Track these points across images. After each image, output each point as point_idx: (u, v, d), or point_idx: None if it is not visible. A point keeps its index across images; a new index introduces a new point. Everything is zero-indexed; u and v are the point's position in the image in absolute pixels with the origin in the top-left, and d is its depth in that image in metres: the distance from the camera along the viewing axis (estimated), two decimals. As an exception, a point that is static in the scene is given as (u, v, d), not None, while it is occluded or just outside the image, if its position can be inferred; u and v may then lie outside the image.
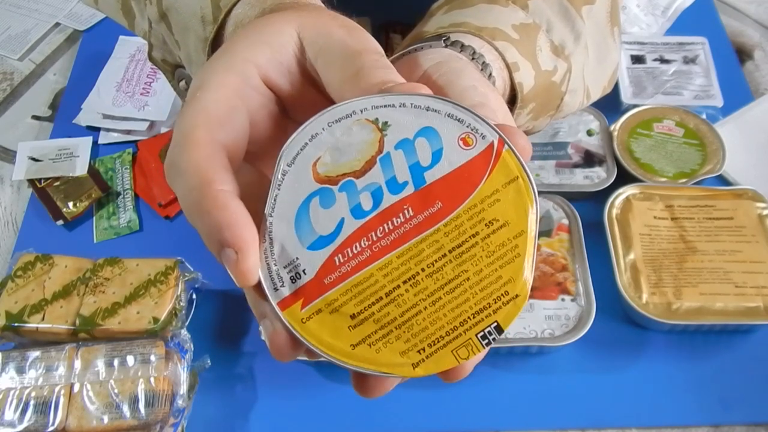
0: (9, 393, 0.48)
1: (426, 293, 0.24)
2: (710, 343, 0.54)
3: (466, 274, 0.24)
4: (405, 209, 0.25)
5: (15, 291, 0.53)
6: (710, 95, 0.70)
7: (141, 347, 0.49)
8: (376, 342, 0.24)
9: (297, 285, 0.25)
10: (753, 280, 0.54)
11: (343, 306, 0.25)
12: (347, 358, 0.25)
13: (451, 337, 0.24)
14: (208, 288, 0.58)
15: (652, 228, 0.57)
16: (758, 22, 0.80)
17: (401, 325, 0.24)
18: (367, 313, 0.24)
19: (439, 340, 0.24)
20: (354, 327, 0.24)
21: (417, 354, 0.24)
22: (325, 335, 0.25)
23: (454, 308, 0.24)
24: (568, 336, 0.51)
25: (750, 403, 0.51)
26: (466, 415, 0.51)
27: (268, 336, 0.25)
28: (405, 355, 0.24)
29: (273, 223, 0.25)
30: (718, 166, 0.62)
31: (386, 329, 0.24)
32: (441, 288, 0.25)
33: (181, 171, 0.24)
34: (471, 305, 0.24)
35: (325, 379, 0.53)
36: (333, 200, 0.25)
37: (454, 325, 0.24)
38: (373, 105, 0.25)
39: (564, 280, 0.54)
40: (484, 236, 0.25)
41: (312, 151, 0.25)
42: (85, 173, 0.65)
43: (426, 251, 0.25)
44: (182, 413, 0.48)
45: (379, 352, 0.24)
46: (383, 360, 0.24)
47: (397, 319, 0.24)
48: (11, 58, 0.81)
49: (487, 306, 0.24)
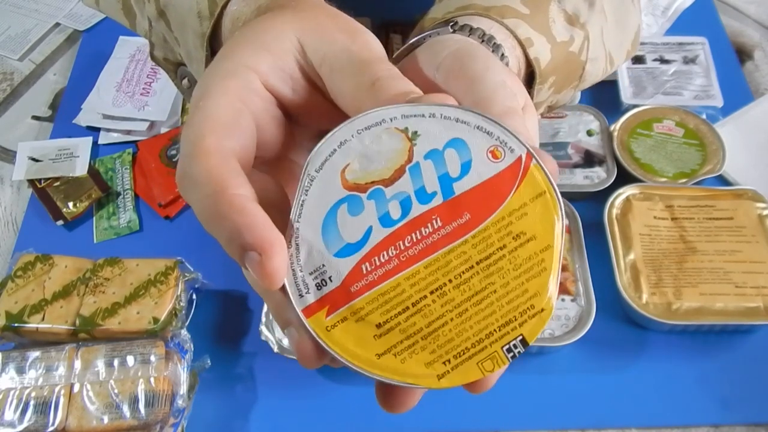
0: (9, 393, 0.48)
1: (453, 304, 0.24)
2: (710, 343, 0.54)
3: (493, 286, 0.24)
4: (433, 219, 0.25)
5: (15, 291, 0.53)
6: (710, 95, 0.70)
7: (141, 347, 0.49)
8: (402, 352, 0.24)
9: (323, 292, 0.24)
10: (753, 280, 0.54)
11: (369, 315, 0.24)
12: (372, 368, 0.24)
13: (477, 350, 0.24)
14: (208, 288, 0.58)
15: (652, 228, 0.57)
16: (758, 22, 0.80)
17: (427, 335, 0.24)
18: (393, 323, 0.24)
19: (464, 351, 0.24)
20: (379, 336, 0.24)
21: (442, 365, 0.24)
22: (350, 344, 0.24)
23: (480, 320, 0.24)
24: (568, 336, 0.51)
25: (750, 403, 0.51)
26: (466, 415, 0.51)
27: (293, 344, 0.25)
28: (430, 366, 0.24)
29: (300, 228, 0.25)
30: (718, 166, 0.62)
31: (412, 339, 0.24)
32: (468, 299, 0.24)
33: (194, 181, 0.24)
34: (497, 318, 0.24)
35: (325, 379, 0.53)
36: (361, 208, 0.25)
37: (480, 337, 0.24)
38: (402, 114, 0.25)
39: (564, 280, 0.54)
40: (511, 249, 0.25)
41: (340, 158, 0.25)
42: (85, 173, 0.65)
43: (453, 262, 0.25)
44: (182, 413, 0.48)
45: (404, 362, 0.24)
46: (408, 371, 0.24)
47: (423, 329, 0.24)
48: (11, 58, 0.81)
49: (513, 319, 0.24)
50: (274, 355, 0.51)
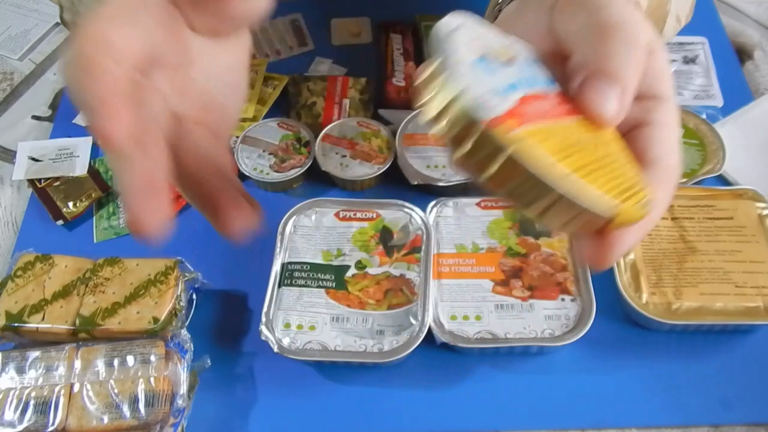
0: (9, 393, 0.48)
1: (610, 149, 0.26)
2: (710, 343, 0.54)
3: (624, 155, 0.27)
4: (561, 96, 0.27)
5: (15, 291, 0.53)
6: (710, 95, 0.70)
7: (141, 347, 0.49)
8: (588, 174, 0.24)
9: (506, 107, 0.24)
10: (753, 280, 0.54)
11: (547, 140, 0.24)
12: (564, 182, 0.23)
13: (634, 191, 0.25)
14: (208, 288, 0.58)
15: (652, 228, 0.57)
16: (758, 22, 0.80)
17: (603, 166, 0.25)
18: (571, 150, 0.24)
19: (629, 189, 0.25)
20: (564, 158, 0.24)
21: (618, 195, 0.24)
22: (543, 157, 0.23)
23: (631, 169, 0.26)
24: (568, 336, 0.51)
25: (750, 403, 0.51)
26: (466, 415, 0.51)
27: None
28: (611, 193, 0.24)
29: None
30: (718, 166, 0.62)
31: (592, 166, 0.24)
32: (621, 150, 0.27)
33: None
34: (636, 174, 0.27)
35: (325, 379, 0.53)
36: (501, 67, 0.26)
37: (634, 181, 0.26)
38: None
39: (564, 280, 0.54)
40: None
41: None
42: (85, 173, 0.65)
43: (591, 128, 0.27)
44: (182, 413, 0.48)
45: (593, 183, 0.24)
46: (595, 193, 0.24)
47: (598, 161, 0.25)
48: (11, 58, 0.81)
49: (638, 183, 0.26)
50: (274, 355, 0.51)
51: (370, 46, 0.78)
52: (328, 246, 0.57)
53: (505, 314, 0.53)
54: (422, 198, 0.61)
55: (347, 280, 0.55)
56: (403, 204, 0.60)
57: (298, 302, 0.54)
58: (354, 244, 0.57)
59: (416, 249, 0.57)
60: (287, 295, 0.54)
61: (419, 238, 0.57)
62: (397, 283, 0.55)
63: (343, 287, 0.55)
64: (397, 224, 0.59)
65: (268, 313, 0.53)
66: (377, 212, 0.59)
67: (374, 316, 0.53)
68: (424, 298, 0.53)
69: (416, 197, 0.61)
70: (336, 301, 0.54)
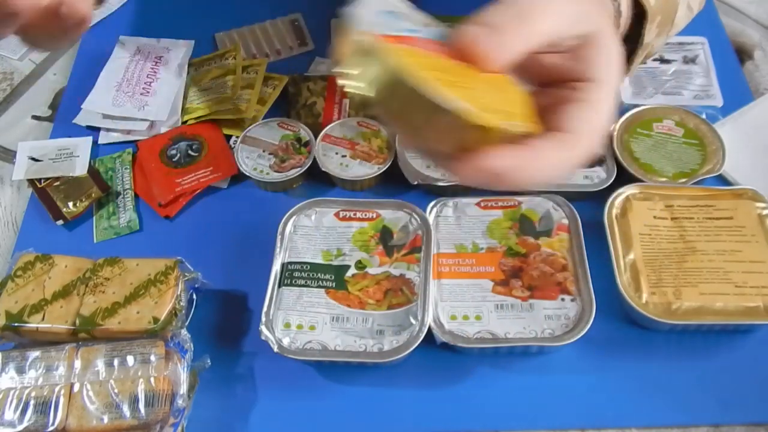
0: (9, 393, 0.48)
1: (498, 90, 0.31)
2: (710, 343, 0.54)
3: (522, 100, 0.33)
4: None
5: (15, 291, 0.53)
6: (710, 95, 0.70)
7: (141, 347, 0.49)
8: (456, 89, 0.28)
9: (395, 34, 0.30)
10: (753, 279, 0.54)
11: (424, 61, 0.29)
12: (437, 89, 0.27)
13: (507, 116, 0.30)
14: (208, 288, 0.58)
15: (652, 228, 0.57)
16: (758, 22, 0.80)
17: (478, 93, 0.29)
18: (443, 73, 0.29)
19: (503, 113, 0.30)
20: (435, 74, 0.28)
21: (484, 112, 0.28)
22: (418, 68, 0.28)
23: (516, 107, 0.31)
24: (568, 336, 0.51)
25: (750, 403, 0.51)
26: (466, 415, 0.51)
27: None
28: (477, 108, 0.28)
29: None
30: (718, 166, 0.62)
31: (463, 87, 0.29)
32: (513, 94, 0.33)
33: None
34: (522, 113, 0.32)
35: (325, 380, 0.53)
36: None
37: (514, 113, 0.31)
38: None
39: (564, 280, 0.54)
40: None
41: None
42: (85, 173, 0.66)
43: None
44: (182, 413, 0.48)
45: (458, 94, 0.28)
46: (454, 98, 0.27)
47: (472, 87, 0.29)
48: (11, 57, 0.81)
49: (522, 117, 0.32)
50: (274, 355, 0.51)
51: (370, 46, 0.78)
52: (328, 246, 0.57)
53: (505, 314, 0.53)
54: (422, 198, 0.61)
55: (347, 280, 0.55)
56: (403, 204, 0.60)
57: (298, 302, 0.54)
58: (354, 244, 0.57)
59: (416, 249, 0.57)
60: (287, 295, 0.54)
61: (419, 238, 0.57)
62: (397, 283, 0.55)
63: (343, 287, 0.55)
64: (397, 224, 0.59)
65: (268, 313, 0.53)
66: (377, 212, 0.59)
67: (374, 316, 0.53)
68: (424, 298, 0.53)
69: (416, 197, 0.61)
70: (336, 301, 0.54)
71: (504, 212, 0.59)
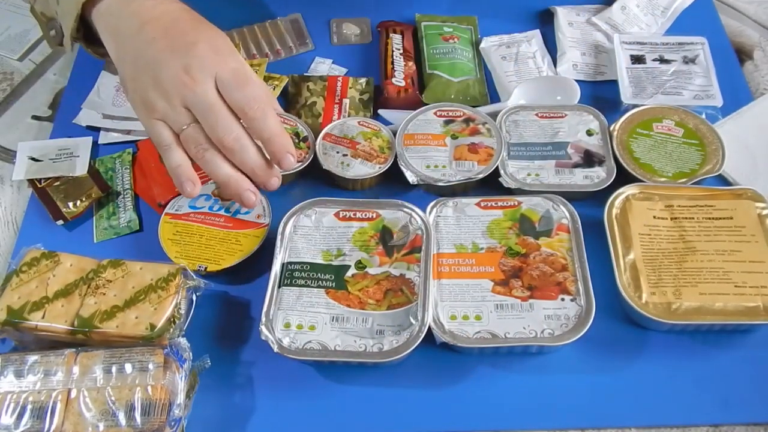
0: (6, 397, 0.47)
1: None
2: (710, 343, 0.54)
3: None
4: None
5: (18, 286, 0.53)
6: (710, 95, 0.70)
7: (139, 355, 0.49)
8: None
9: None
10: (753, 279, 0.54)
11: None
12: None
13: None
14: (208, 288, 0.58)
15: (652, 228, 0.57)
16: (758, 22, 0.80)
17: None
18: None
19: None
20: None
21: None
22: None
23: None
24: (567, 336, 0.51)
25: (750, 403, 0.51)
26: (466, 415, 0.51)
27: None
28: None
29: None
30: (718, 166, 0.62)
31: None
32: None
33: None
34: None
35: (325, 380, 0.53)
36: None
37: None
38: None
39: (564, 280, 0.54)
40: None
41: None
42: (85, 173, 0.65)
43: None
44: (178, 423, 0.47)
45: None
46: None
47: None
48: (11, 58, 0.81)
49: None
50: (274, 355, 0.51)
51: (370, 46, 0.78)
52: (328, 246, 0.57)
53: (505, 314, 0.53)
54: (422, 198, 0.61)
55: (347, 280, 0.55)
56: (403, 204, 0.60)
57: (298, 302, 0.54)
58: (354, 244, 0.57)
59: (416, 249, 0.57)
60: (287, 295, 0.54)
61: (419, 238, 0.57)
62: (397, 283, 0.55)
63: (343, 287, 0.55)
64: (397, 224, 0.59)
65: (268, 313, 0.53)
66: (377, 212, 0.59)
67: (374, 316, 0.53)
68: (424, 298, 0.53)
69: (416, 197, 0.61)
70: (336, 301, 0.54)
71: (504, 212, 0.59)
